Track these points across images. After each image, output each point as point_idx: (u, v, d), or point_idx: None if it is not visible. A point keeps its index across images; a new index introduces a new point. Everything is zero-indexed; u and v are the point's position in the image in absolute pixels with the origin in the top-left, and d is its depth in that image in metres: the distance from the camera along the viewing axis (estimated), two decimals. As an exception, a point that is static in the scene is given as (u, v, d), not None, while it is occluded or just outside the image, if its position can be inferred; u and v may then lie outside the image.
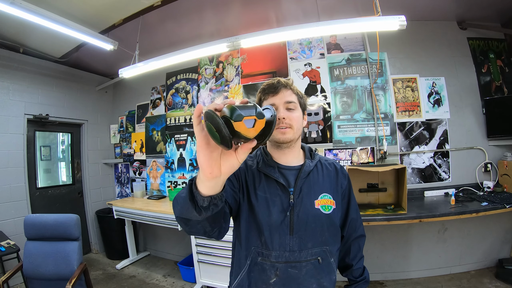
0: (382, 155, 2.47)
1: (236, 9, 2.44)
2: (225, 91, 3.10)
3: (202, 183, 0.51)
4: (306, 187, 0.81)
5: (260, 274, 0.77)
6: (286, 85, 0.83)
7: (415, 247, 2.47)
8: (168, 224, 2.63)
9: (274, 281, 0.75)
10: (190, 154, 3.26)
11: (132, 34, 2.48)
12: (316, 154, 0.90)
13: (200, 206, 0.53)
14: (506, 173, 2.35)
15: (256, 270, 0.77)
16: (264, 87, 0.84)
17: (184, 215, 0.58)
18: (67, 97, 3.43)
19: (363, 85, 2.63)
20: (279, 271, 0.75)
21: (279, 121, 0.79)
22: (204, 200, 0.52)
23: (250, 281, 0.78)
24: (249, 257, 0.78)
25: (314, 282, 0.77)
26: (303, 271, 0.76)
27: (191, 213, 0.55)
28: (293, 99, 0.82)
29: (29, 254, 1.84)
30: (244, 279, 0.78)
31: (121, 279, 2.86)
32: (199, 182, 0.52)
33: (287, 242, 0.76)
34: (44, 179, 3.27)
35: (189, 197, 0.53)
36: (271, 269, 0.76)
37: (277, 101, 0.81)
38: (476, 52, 2.64)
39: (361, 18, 1.74)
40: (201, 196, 0.52)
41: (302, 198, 0.79)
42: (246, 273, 0.78)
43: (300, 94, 0.86)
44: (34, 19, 1.85)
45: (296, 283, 0.76)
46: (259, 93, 0.87)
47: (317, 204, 0.80)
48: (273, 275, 0.76)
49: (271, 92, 0.82)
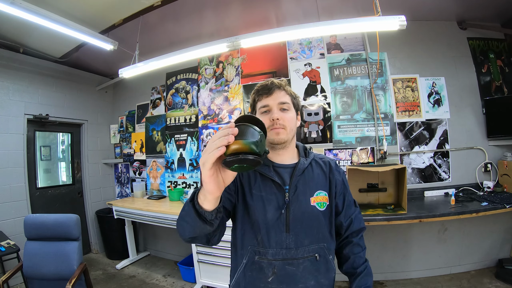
0: (382, 155, 2.47)
1: (236, 9, 2.44)
2: (225, 91, 3.10)
3: (207, 202, 0.57)
4: (301, 184, 0.81)
5: (258, 273, 0.77)
6: (279, 86, 0.83)
7: (415, 247, 2.47)
8: (168, 224, 2.63)
9: (272, 279, 0.76)
10: (190, 154, 3.26)
11: (132, 34, 2.48)
12: (310, 152, 0.91)
13: (209, 220, 0.60)
14: (506, 173, 2.35)
15: (253, 269, 0.78)
16: (258, 88, 0.85)
17: (198, 233, 0.65)
18: (67, 97, 3.43)
19: (363, 85, 2.63)
20: (277, 269, 0.76)
21: (273, 121, 0.79)
22: (212, 214, 0.59)
23: (247, 280, 0.78)
24: (246, 256, 0.78)
25: (312, 279, 0.77)
26: (300, 268, 0.76)
27: (204, 229, 0.62)
28: (286, 100, 0.83)
29: (29, 254, 1.84)
30: (240, 278, 0.79)
31: (121, 279, 2.86)
32: (204, 201, 0.58)
33: (283, 240, 0.77)
34: (44, 179, 3.27)
35: (198, 216, 0.59)
36: (268, 267, 0.76)
37: (271, 102, 0.82)
38: (476, 52, 2.64)
39: (361, 18, 1.74)
40: (208, 211, 0.58)
41: (298, 195, 0.80)
42: (242, 271, 0.79)
43: (293, 95, 0.87)
44: (34, 19, 1.85)
45: (293, 280, 0.76)
46: (253, 94, 0.87)
47: (313, 201, 0.80)
48: (270, 273, 0.76)
49: (265, 94, 0.83)
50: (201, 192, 0.58)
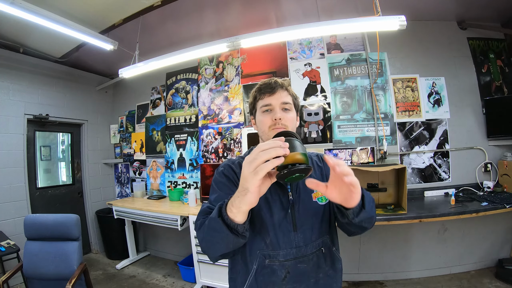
0: (382, 155, 2.47)
1: (236, 9, 2.44)
2: (225, 91, 3.10)
3: (241, 214, 0.58)
4: (302, 182, 0.81)
5: (270, 276, 0.76)
6: (282, 85, 0.83)
7: (415, 247, 2.47)
8: (168, 224, 2.63)
9: (286, 280, 0.76)
10: (190, 154, 3.26)
11: (132, 34, 2.48)
12: None
13: (241, 233, 0.60)
14: (506, 173, 2.35)
15: (265, 273, 0.76)
16: (261, 86, 0.84)
17: (231, 248, 0.65)
18: (67, 97, 3.43)
19: (363, 85, 2.63)
20: (290, 269, 0.76)
21: (275, 121, 0.80)
22: (244, 226, 0.60)
23: (259, 285, 0.76)
24: (256, 262, 0.76)
25: (320, 272, 0.78)
26: (310, 264, 0.77)
27: (238, 243, 0.63)
28: (289, 100, 0.83)
29: (29, 254, 1.84)
30: (252, 284, 0.77)
31: (121, 279, 2.86)
32: (237, 214, 0.58)
33: (292, 239, 0.77)
34: (44, 179, 3.27)
35: (230, 231, 0.59)
36: (281, 269, 0.76)
37: (273, 101, 0.81)
38: (476, 52, 2.64)
39: (361, 18, 1.74)
40: (241, 224, 0.59)
41: (300, 194, 0.80)
42: (253, 277, 0.77)
43: (294, 95, 0.87)
44: (34, 19, 1.85)
45: (306, 277, 0.77)
46: (255, 92, 0.86)
47: (314, 197, 0.81)
48: (283, 274, 0.75)
49: (267, 92, 0.82)
50: (235, 204, 0.57)
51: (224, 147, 3.06)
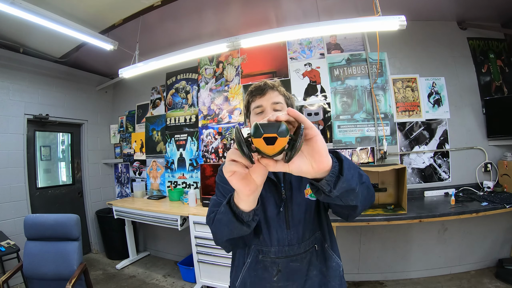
0: (382, 155, 2.47)
1: (236, 9, 2.44)
2: (225, 91, 3.10)
3: (242, 202, 0.58)
4: (294, 180, 0.82)
5: (263, 272, 0.78)
6: (272, 86, 0.85)
7: (415, 247, 2.47)
8: (168, 224, 2.63)
9: (277, 278, 0.77)
10: (190, 154, 3.26)
11: (132, 34, 2.48)
12: None
13: (246, 222, 0.60)
14: (506, 173, 2.35)
15: (258, 268, 0.78)
16: (252, 89, 0.86)
17: (235, 234, 0.66)
18: (67, 97, 3.43)
19: (363, 85, 2.63)
20: (281, 267, 0.77)
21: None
22: (249, 215, 0.60)
23: (252, 279, 0.79)
24: (250, 256, 0.79)
25: (314, 269, 0.79)
26: (304, 262, 0.78)
27: (241, 230, 0.63)
28: (280, 100, 0.84)
29: (29, 254, 1.84)
30: (246, 277, 0.79)
31: (121, 279, 2.86)
32: (239, 201, 0.58)
33: (285, 237, 0.78)
34: (44, 179, 3.27)
35: (235, 217, 0.60)
36: (272, 266, 0.77)
37: (264, 102, 0.83)
38: (476, 52, 2.64)
39: (361, 18, 1.74)
40: (246, 212, 0.59)
41: (293, 191, 0.81)
42: (247, 271, 0.79)
43: (287, 95, 0.88)
44: (34, 19, 1.85)
45: (299, 275, 0.77)
46: (247, 96, 0.89)
47: (306, 193, 0.82)
48: (275, 272, 0.77)
49: (258, 94, 0.84)
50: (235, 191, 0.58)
51: (224, 147, 3.06)
